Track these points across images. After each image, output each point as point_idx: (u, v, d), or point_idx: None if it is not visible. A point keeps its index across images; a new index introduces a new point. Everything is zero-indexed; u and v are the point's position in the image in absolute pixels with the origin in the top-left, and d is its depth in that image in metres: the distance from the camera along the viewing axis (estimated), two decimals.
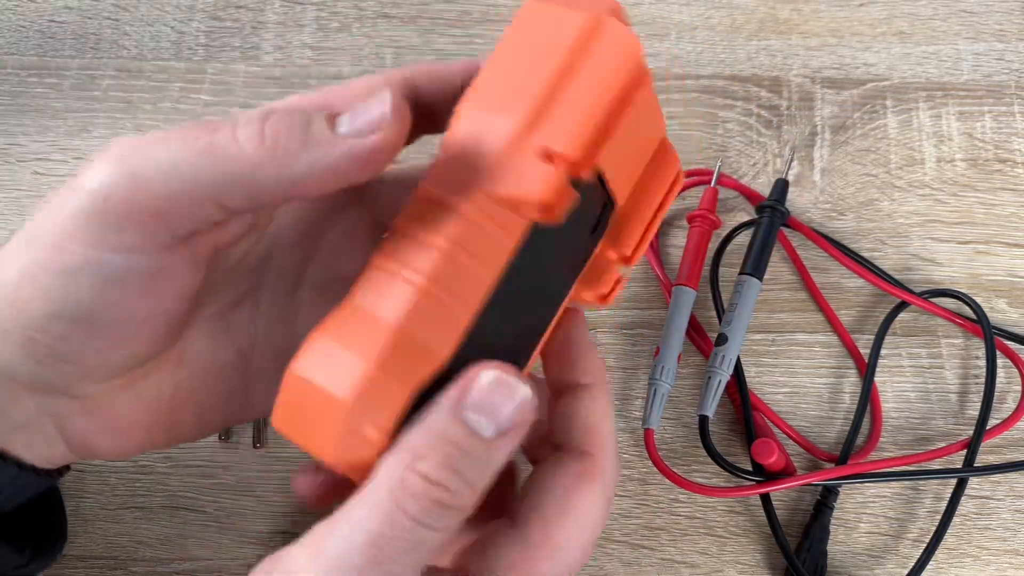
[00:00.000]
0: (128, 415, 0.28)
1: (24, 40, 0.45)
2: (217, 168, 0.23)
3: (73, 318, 0.24)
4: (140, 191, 0.23)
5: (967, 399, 0.41)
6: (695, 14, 0.47)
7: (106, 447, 0.28)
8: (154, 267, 0.24)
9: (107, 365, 0.26)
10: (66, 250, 0.24)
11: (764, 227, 0.41)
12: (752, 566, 0.38)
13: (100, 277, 0.24)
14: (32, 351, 0.25)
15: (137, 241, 0.24)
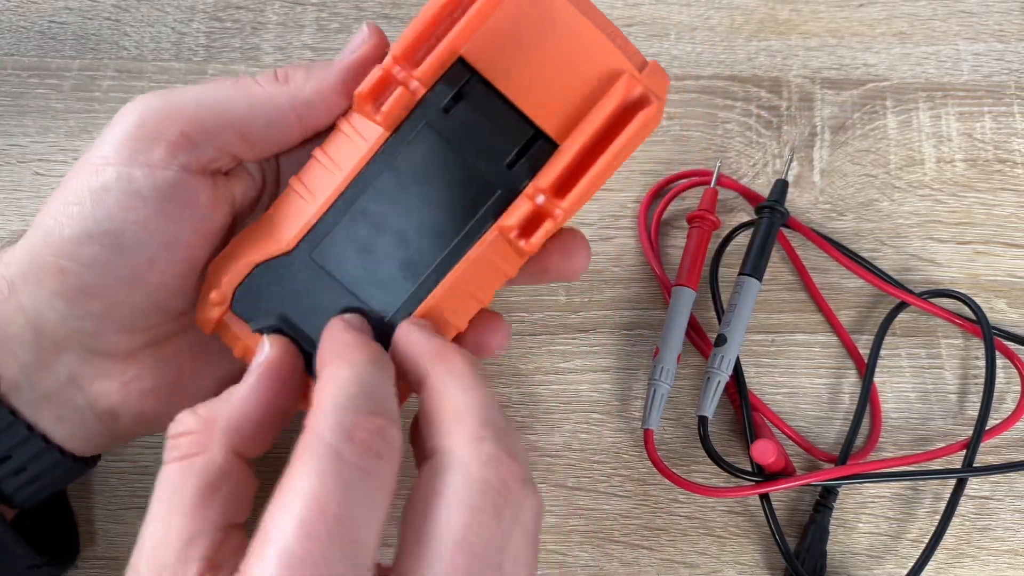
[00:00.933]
0: (150, 378, 0.29)
1: (24, 41, 0.45)
2: (241, 97, 0.28)
3: (100, 236, 0.26)
4: (173, 113, 0.27)
5: (966, 399, 0.41)
6: (695, 14, 0.47)
7: (130, 412, 0.29)
8: (176, 188, 0.27)
9: (132, 305, 0.28)
10: (100, 171, 0.27)
11: (764, 227, 0.41)
12: (751, 566, 0.38)
13: (127, 193, 0.27)
14: (63, 284, 0.27)
15: (165, 158, 0.27)
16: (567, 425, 0.39)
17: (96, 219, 0.26)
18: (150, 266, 0.27)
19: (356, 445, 0.21)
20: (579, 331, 0.41)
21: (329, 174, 0.28)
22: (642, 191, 0.43)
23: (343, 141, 0.28)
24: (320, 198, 0.28)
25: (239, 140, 0.28)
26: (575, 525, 0.38)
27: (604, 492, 0.38)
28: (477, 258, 0.28)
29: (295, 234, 0.28)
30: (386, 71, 0.27)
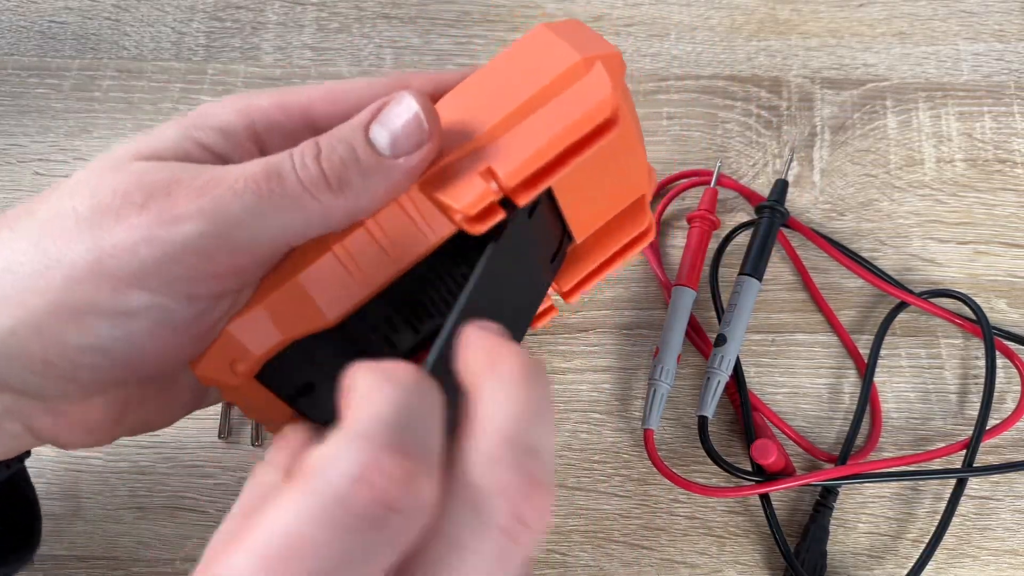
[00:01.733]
0: (97, 415, 0.27)
1: (24, 41, 0.45)
2: (296, 217, 0.24)
3: (113, 354, 0.24)
4: (228, 250, 0.23)
5: (967, 399, 0.41)
6: (695, 14, 0.47)
7: (74, 442, 0.27)
8: (214, 313, 0.25)
9: (109, 382, 0.25)
10: (128, 293, 0.23)
11: (763, 227, 0.41)
12: (751, 566, 0.38)
13: (159, 324, 0.24)
14: (45, 372, 0.24)
15: (211, 292, 0.24)
16: (567, 425, 0.39)
17: (115, 339, 0.23)
18: (140, 367, 0.25)
19: (369, 490, 0.17)
20: (579, 331, 0.41)
21: (384, 257, 0.25)
22: None
23: (404, 224, 0.25)
24: (373, 280, 0.25)
25: (287, 249, 0.25)
26: (575, 525, 0.38)
27: (604, 492, 0.38)
28: None
29: (340, 312, 0.25)
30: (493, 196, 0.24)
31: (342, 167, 0.24)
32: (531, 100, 0.24)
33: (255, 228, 0.23)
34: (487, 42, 0.46)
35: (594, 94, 0.24)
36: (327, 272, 0.25)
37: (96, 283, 0.23)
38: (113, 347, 0.24)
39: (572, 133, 0.24)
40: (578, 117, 0.24)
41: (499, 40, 0.46)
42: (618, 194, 0.29)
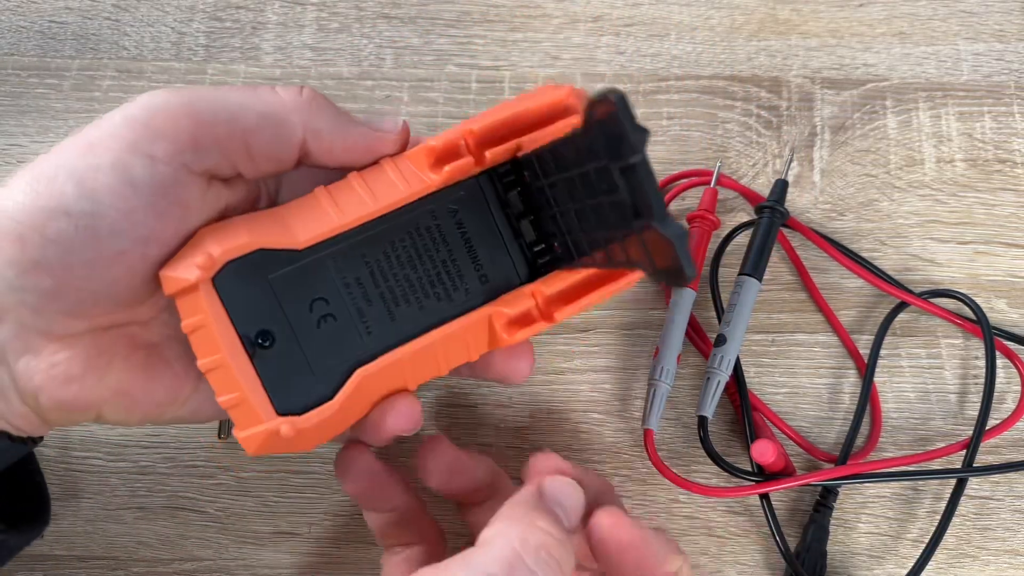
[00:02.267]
0: (79, 363, 0.27)
1: (24, 41, 0.45)
2: (258, 109, 0.27)
3: (78, 218, 0.25)
4: (185, 113, 0.26)
5: (966, 399, 0.41)
6: (695, 14, 0.47)
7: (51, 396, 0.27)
8: (171, 185, 0.26)
9: (85, 288, 0.26)
10: (95, 151, 0.26)
11: (763, 227, 0.41)
12: (751, 566, 0.38)
13: (120, 179, 0.26)
14: (19, 253, 0.25)
15: (168, 155, 0.26)
16: (567, 425, 0.39)
17: (78, 196, 0.25)
18: (118, 257, 0.26)
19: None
20: (579, 331, 0.41)
21: (362, 200, 0.28)
22: None
23: (385, 179, 0.29)
24: (347, 216, 0.28)
25: (243, 151, 0.27)
26: None
27: None
28: (459, 330, 0.29)
29: (311, 236, 0.28)
30: (462, 137, 0.29)
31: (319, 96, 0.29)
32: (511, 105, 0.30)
33: (216, 103, 0.27)
34: (487, 42, 0.46)
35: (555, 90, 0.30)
36: (307, 205, 0.28)
37: (69, 148, 0.26)
38: (77, 208, 0.25)
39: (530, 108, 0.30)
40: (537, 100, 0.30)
41: (499, 40, 0.46)
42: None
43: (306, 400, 0.28)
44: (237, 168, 0.28)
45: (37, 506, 0.34)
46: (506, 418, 0.39)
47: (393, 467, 0.33)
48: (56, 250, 0.25)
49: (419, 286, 0.29)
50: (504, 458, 0.39)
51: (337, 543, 0.37)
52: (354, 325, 0.28)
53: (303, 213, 0.28)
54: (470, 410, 0.40)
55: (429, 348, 0.29)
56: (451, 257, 0.30)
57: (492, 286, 0.30)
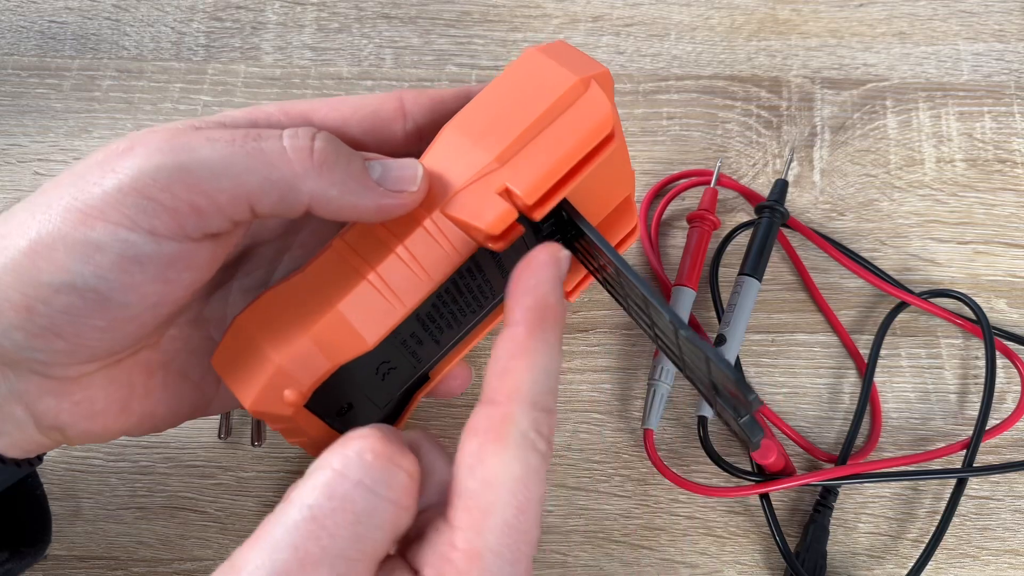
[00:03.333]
0: (101, 398, 0.28)
1: (24, 41, 0.45)
2: (264, 173, 0.25)
3: (85, 292, 0.24)
4: (186, 184, 0.24)
5: (967, 399, 0.41)
6: (695, 14, 0.47)
7: (77, 430, 0.28)
8: (178, 256, 0.25)
9: (99, 346, 0.26)
10: (93, 224, 0.24)
11: (763, 227, 0.41)
12: (751, 566, 0.38)
13: (124, 257, 0.24)
14: (27, 322, 0.25)
15: (170, 230, 0.25)
16: (567, 425, 0.39)
17: (83, 275, 0.24)
18: (131, 321, 0.26)
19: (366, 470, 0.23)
20: (579, 331, 0.41)
21: (416, 279, 0.27)
22: (642, 191, 0.43)
23: (431, 246, 0.27)
24: (407, 303, 0.27)
25: (247, 212, 0.26)
26: (575, 525, 0.38)
27: (604, 492, 0.38)
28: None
29: (378, 335, 0.27)
30: (513, 216, 0.26)
31: (332, 155, 0.26)
32: (536, 123, 0.26)
33: (216, 169, 0.24)
34: (487, 42, 0.46)
35: (595, 113, 0.26)
36: (364, 299, 0.27)
37: (63, 217, 0.24)
38: (84, 284, 0.24)
39: (579, 150, 0.26)
40: (583, 135, 0.26)
41: (499, 40, 0.46)
42: (609, 197, 0.31)
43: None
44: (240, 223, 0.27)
45: (39, 526, 0.34)
46: None
47: None
48: (65, 319, 0.25)
49: (461, 312, 0.31)
50: None
51: None
52: (410, 364, 0.31)
53: (363, 307, 0.27)
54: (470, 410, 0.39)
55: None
56: (485, 278, 0.31)
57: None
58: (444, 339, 0.32)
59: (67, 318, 0.25)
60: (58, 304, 0.24)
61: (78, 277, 0.24)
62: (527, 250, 0.26)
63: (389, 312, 0.27)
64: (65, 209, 0.24)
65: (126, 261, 0.24)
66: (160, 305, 0.26)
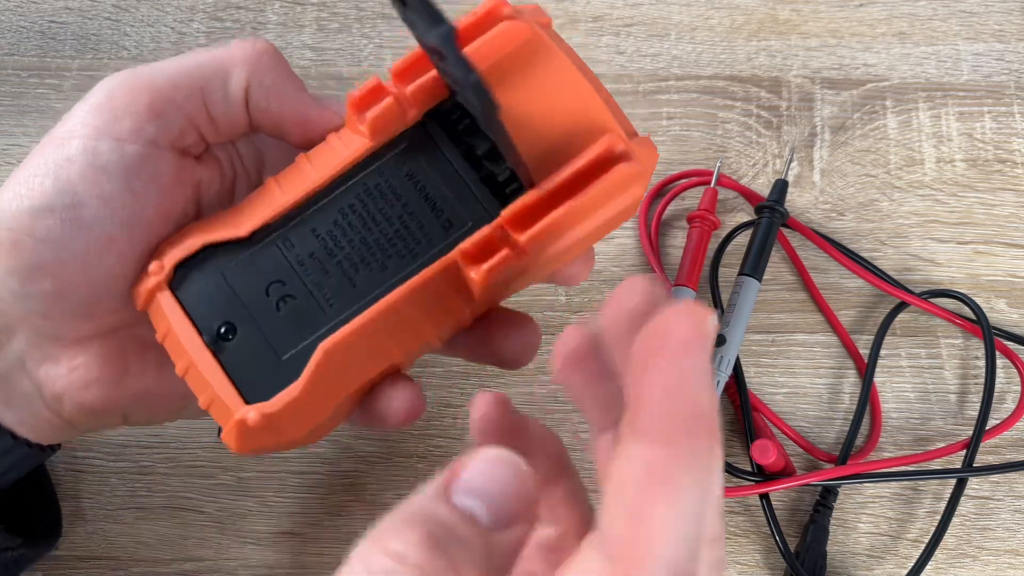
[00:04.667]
0: (95, 366, 0.28)
1: (24, 41, 0.45)
2: (211, 63, 0.27)
3: (60, 210, 0.26)
4: (140, 85, 0.27)
5: (966, 399, 0.41)
6: (695, 14, 0.47)
7: (73, 402, 0.28)
8: (141, 163, 0.27)
9: (84, 286, 0.27)
10: (64, 143, 0.26)
11: (763, 228, 0.41)
12: (751, 566, 0.38)
13: (91, 166, 0.26)
14: (18, 260, 0.26)
15: (132, 131, 0.26)
16: (567, 425, 0.39)
17: (57, 191, 0.26)
18: (108, 244, 0.27)
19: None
20: None
21: (304, 175, 0.28)
22: None
23: (327, 150, 0.28)
24: (289, 195, 0.28)
25: (204, 112, 0.27)
26: None
27: None
28: (423, 282, 0.27)
29: (255, 222, 0.27)
30: (379, 82, 0.27)
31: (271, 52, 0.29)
32: None
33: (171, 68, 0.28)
34: None
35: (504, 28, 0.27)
36: (257, 194, 0.28)
37: (44, 146, 0.27)
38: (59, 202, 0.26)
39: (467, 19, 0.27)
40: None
41: None
42: (570, 128, 0.27)
43: (276, 386, 0.27)
44: (202, 133, 0.28)
45: (51, 519, 0.34)
46: None
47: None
48: (48, 249, 0.26)
49: (377, 248, 0.27)
50: None
51: (337, 543, 0.37)
52: (315, 301, 0.27)
53: (252, 203, 0.28)
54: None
55: (396, 308, 0.27)
56: (408, 211, 0.28)
57: (459, 233, 0.27)
58: (361, 281, 0.27)
59: (49, 247, 0.26)
60: (39, 231, 0.26)
61: (52, 195, 0.26)
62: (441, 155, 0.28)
63: (269, 201, 0.28)
64: (47, 143, 0.27)
65: (93, 170, 0.26)
66: (133, 225, 0.27)
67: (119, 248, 0.27)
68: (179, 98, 0.27)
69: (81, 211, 0.26)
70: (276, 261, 0.27)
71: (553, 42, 0.28)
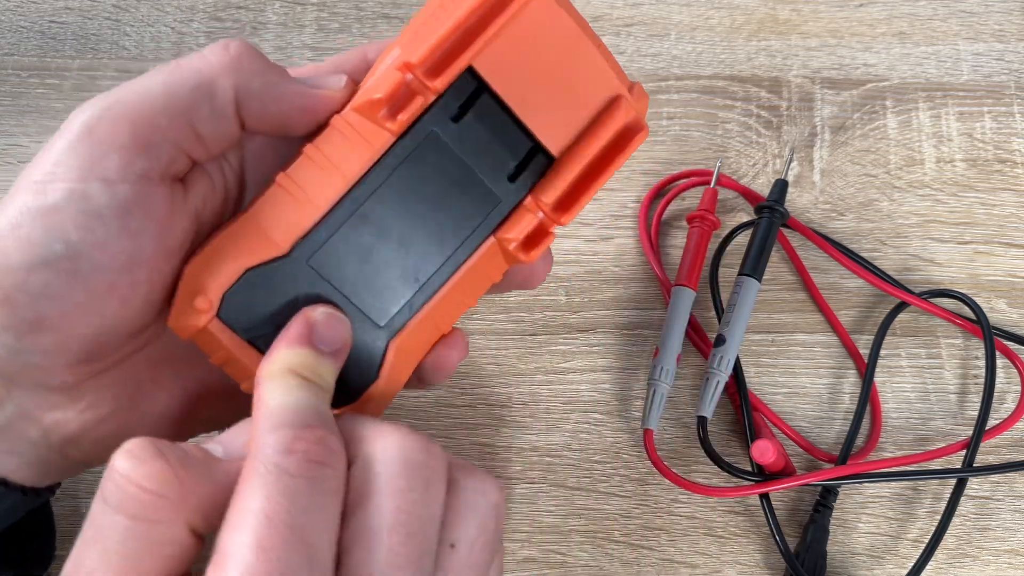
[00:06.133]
0: (108, 400, 0.27)
1: (25, 41, 0.45)
2: (188, 79, 0.25)
3: (55, 262, 0.24)
4: (122, 115, 0.25)
5: (967, 399, 0.41)
6: (695, 14, 0.47)
7: (88, 440, 0.27)
8: (134, 202, 0.25)
9: (88, 333, 0.25)
10: (49, 189, 0.24)
11: (763, 227, 0.41)
12: (751, 566, 0.38)
13: (82, 212, 0.24)
14: (11, 316, 0.24)
15: (120, 172, 0.24)
16: (567, 425, 0.39)
17: (48, 243, 0.24)
18: (110, 291, 0.25)
19: (297, 457, 0.22)
20: (579, 331, 0.41)
21: (327, 176, 0.27)
22: (642, 191, 0.43)
23: (341, 141, 0.27)
24: (319, 202, 0.27)
25: (190, 134, 0.26)
26: (575, 525, 0.38)
27: (604, 492, 0.38)
28: (473, 267, 0.28)
29: (291, 237, 0.27)
30: (403, 79, 0.26)
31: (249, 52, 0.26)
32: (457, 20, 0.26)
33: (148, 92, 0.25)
34: None
35: None
36: (274, 200, 0.27)
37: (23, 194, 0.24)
38: (51, 254, 0.24)
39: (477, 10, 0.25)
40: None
41: None
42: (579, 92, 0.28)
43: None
44: (190, 155, 0.26)
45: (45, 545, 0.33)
46: (505, 417, 0.39)
47: None
48: (46, 303, 0.24)
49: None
50: (504, 459, 0.39)
51: None
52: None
53: (274, 211, 0.27)
54: (470, 410, 0.40)
55: (451, 296, 0.28)
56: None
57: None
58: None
59: (47, 302, 0.24)
60: (34, 286, 0.24)
61: (42, 249, 0.24)
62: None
63: (296, 209, 0.26)
64: (24, 189, 0.24)
65: (85, 217, 0.24)
66: (133, 268, 0.25)
67: (121, 293, 0.25)
68: (163, 124, 0.25)
69: (77, 262, 0.24)
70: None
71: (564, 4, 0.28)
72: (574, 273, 0.42)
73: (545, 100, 0.27)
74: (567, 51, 0.27)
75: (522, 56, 0.27)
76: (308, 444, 0.22)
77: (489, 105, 0.27)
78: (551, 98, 0.28)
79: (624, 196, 0.43)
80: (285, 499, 0.21)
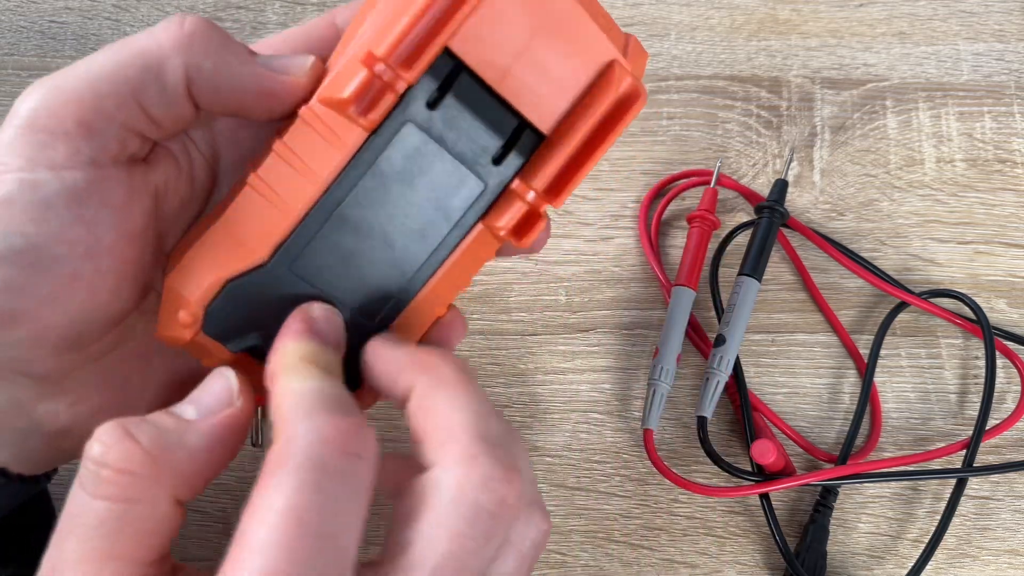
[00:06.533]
0: (96, 395, 0.27)
1: (25, 41, 0.45)
2: (136, 59, 0.24)
3: (15, 257, 0.23)
4: (66, 100, 0.23)
5: (966, 399, 0.41)
6: (695, 14, 0.47)
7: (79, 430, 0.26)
8: (85, 189, 0.24)
9: (62, 323, 0.25)
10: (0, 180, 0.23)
11: (763, 228, 0.41)
12: (751, 566, 0.38)
13: (34, 203, 0.23)
14: None
15: (68, 157, 0.23)
16: (567, 425, 0.39)
17: (7, 237, 0.23)
18: (74, 281, 0.24)
19: (333, 448, 0.21)
20: (579, 331, 0.41)
21: (300, 178, 0.25)
22: (642, 191, 0.43)
23: (312, 138, 0.25)
24: (294, 207, 0.25)
25: (140, 114, 0.24)
26: (575, 525, 0.38)
27: (604, 492, 0.38)
28: (463, 254, 0.27)
29: (269, 245, 0.26)
30: (372, 73, 0.24)
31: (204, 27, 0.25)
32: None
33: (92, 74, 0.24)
34: None
35: None
36: (247, 204, 0.25)
37: None
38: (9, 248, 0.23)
39: None
40: None
41: None
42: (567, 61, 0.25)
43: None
44: (145, 135, 0.25)
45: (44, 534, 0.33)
46: (504, 417, 0.39)
47: None
48: (13, 297, 0.24)
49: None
50: None
51: None
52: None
53: (248, 217, 0.25)
54: None
55: (439, 289, 0.27)
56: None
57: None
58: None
59: (12, 296, 0.23)
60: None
61: (3, 242, 0.23)
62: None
63: (271, 215, 0.25)
64: None
65: (37, 207, 0.23)
66: (95, 256, 0.24)
67: (87, 283, 0.24)
68: (109, 107, 0.24)
69: (36, 254, 0.23)
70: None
71: None
72: (574, 273, 0.42)
73: (530, 73, 0.25)
74: (551, 17, 0.25)
75: (500, 28, 0.24)
76: (344, 434, 0.21)
77: (469, 85, 0.25)
78: (536, 71, 0.25)
79: (624, 196, 0.43)
80: (318, 496, 0.20)
